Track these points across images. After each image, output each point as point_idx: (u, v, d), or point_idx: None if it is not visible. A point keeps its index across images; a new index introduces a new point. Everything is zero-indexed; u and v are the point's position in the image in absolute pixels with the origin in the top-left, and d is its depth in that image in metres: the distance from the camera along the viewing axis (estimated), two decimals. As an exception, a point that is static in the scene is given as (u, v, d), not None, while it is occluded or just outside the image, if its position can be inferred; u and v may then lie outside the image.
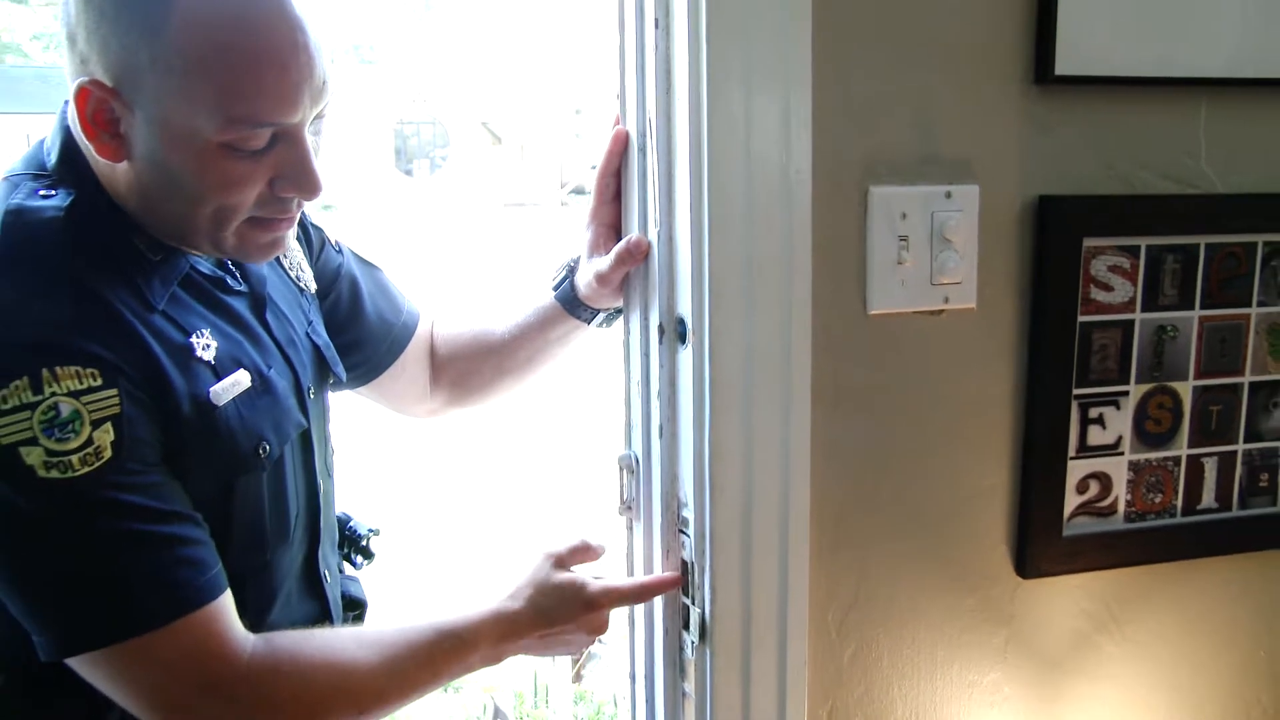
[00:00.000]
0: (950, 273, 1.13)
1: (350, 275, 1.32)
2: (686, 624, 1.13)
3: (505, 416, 6.71)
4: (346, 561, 1.30)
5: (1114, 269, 1.17)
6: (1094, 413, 1.20)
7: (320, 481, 1.17)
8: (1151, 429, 1.23)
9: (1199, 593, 1.29)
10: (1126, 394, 1.21)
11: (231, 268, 1.11)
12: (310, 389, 1.15)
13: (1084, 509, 1.22)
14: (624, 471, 1.19)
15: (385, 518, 1.39)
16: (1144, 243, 1.18)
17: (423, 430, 6.20)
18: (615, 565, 1.21)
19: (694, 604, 1.11)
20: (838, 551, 1.15)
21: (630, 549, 1.21)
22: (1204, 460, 1.26)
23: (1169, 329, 1.21)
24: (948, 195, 1.12)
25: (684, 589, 1.13)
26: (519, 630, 1.10)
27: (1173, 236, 1.18)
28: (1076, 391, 1.19)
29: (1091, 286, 1.17)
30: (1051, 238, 1.14)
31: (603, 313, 1.28)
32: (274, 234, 1.04)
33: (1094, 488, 1.22)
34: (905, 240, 1.11)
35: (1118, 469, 1.23)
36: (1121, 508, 1.23)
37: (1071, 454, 1.20)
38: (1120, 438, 1.22)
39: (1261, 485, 1.28)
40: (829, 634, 1.16)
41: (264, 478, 1.05)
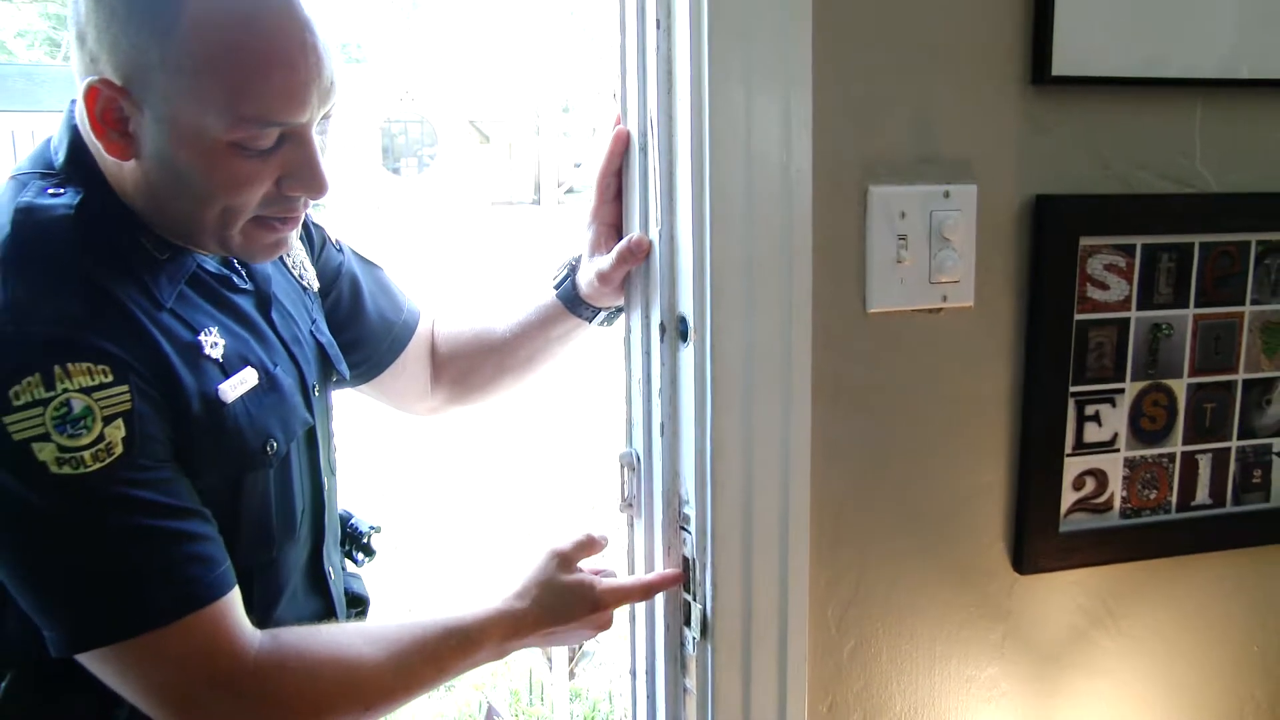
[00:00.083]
0: (949, 271, 1.14)
1: (351, 274, 1.33)
2: (688, 620, 1.14)
3: (505, 414, 6.71)
4: (348, 559, 1.30)
5: (1110, 268, 1.19)
6: (1090, 410, 1.21)
7: (324, 479, 1.17)
8: (1147, 426, 1.24)
9: (1193, 588, 1.31)
10: (1122, 391, 1.22)
11: (237, 266, 1.11)
12: (315, 386, 1.16)
13: (1080, 505, 1.23)
14: (625, 469, 1.19)
15: (386, 515, 1.39)
16: (1139, 242, 1.19)
17: (423, 428, 6.21)
18: (616, 561, 1.22)
19: (695, 600, 1.12)
20: (837, 548, 1.16)
21: (631, 546, 1.22)
22: (1198, 457, 1.27)
23: (1164, 327, 1.22)
24: (946, 195, 1.13)
25: (685, 585, 1.14)
26: (525, 629, 1.11)
27: (1168, 235, 1.20)
28: (1073, 389, 1.20)
29: (1088, 285, 1.18)
30: (1048, 237, 1.15)
31: (604, 311, 1.28)
32: (280, 234, 1.04)
33: (1090, 484, 1.23)
34: (904, 239, 1.12)
35: (1113, 466, 1.24)
36: (1117, 504, 1.25)
37: (1068, 451, 1.21)
38: (1116, 435, 1.23)
39: (1255, 481, 1.29)
40: (829, 629, 1.17)
41: (271, 474, 1.06)
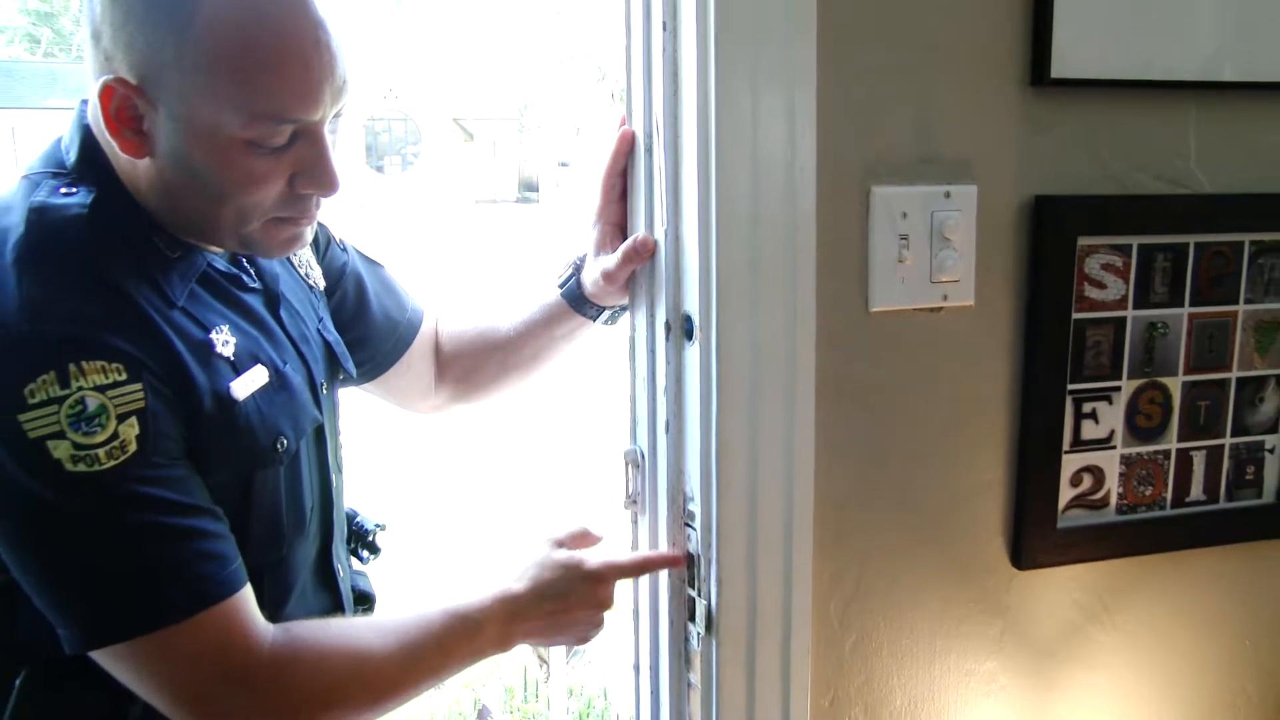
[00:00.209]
0: (949, 271, 1.15)
1: (356, 273, 1.34)
2: (692, 615, 1.15)
3: (509, 412, 6.73)
4: (353, 556, 1.31)
5: (1107, 267, 1.20)
6: (1087, 408, 1.23)
7: (332, 476, 1.18)
8: (1142, 424, 1.26)
9: (1187, 583, 1.32)
10: (1119, 389, 1.24)
11: (246, 265, 1.12)
12: (323, 385, 1.17)
13: (1077, 502, 1.25)
14: (629, 466, 1.21)
15: (390, 513, 1.40)
16: (1136, 242, 1.21)
17: (426, 426, 6.22)
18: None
19: (700, 596, 1.14)
20: (840, 543, 1.17)
21: (635, 542, 1.23)
22: (1193, 454, 1.29)
23: (1159, 326, 1.24)
24: (947, 195, 1.14)
25: (689, 581, 1.15)
26: (525, 610, 1.11)
27: (1163, 236, 1.21)
28: (1071, 387, 1.22)
29: (1085, 284, 1.20)
30: (1047, 237, 1.17)
31: (608, 310, 1.30)
32: (297, 229, 1.06)
33: (1087, 481, 1.25)
34: (906, 239, 1.14)
35: (1110, 463, 1.26)
36: (1113, 500, 1.26)
37: (1065, 448, 1.23)
38: (1113, 432, 1.25)
39: (1248, 478, 1.31)
40: (831, 624, 1.18)
41: (281, 472, 1.07)
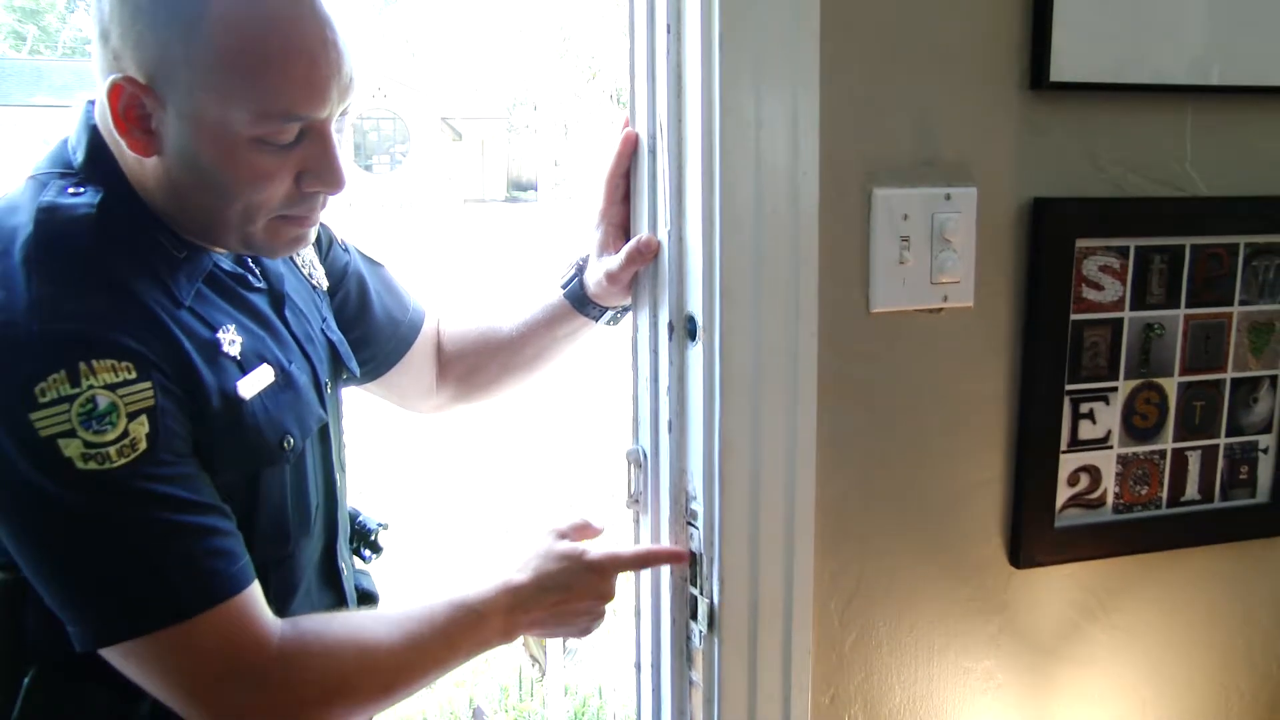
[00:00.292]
0: (949, 272, 1.16)
1: (358, 273, 1.34)
2: (694, 614, 1.16)
3: (510, 412, 6.73)
4: (356, 556, 1.32)
5: (1104, 269, 1.22)
6: (1085, 408, 1.25)
7: (336, 475, 1.19)
8: (1139, 423, 1.27)
9: (1182, 582, 1.34)
10: (1115, 390, 1.25)
11: (251, 265, 1.13)
12: (327, 384, 1.17)
13: (1074, 501, 1.26)
14: (631, 466, 1.21)
15: (392, 513, 1.40)
16: (1133, 244, 1.22)
17: (428, 425, 6.22)
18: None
19: (702, 594, 1.14)
20: (841, 542, 1.18)
21: (637, 541, 1.23)
22: (1188, 454, 1.30)
23: (1156, 327, 1.25)
24: (947, 197, 1.15)
25: (691, 580, 1.16)
26: (528, 601, 1.12)
27: (1160, 238, 1.23)
28: (1068, 387, 1.23)
29: (1083, 286, 1.21)
30: (1046, 239, 1.18)
31: (610, 311, 1.31)
32: (302, 228, 1.06)
33: (1084, 480, 1.26)
34: (906, 240, 1.15)
35: (1107, 462, 1.27)
36: (1110, 500, 1.28)
37: (1063, 448, 1.24)
38: (1109, 432, 1.26)
39: (1242, 478, 1.33)
40: (832, 622, 1.19)
41: (287, 470, 1.07)
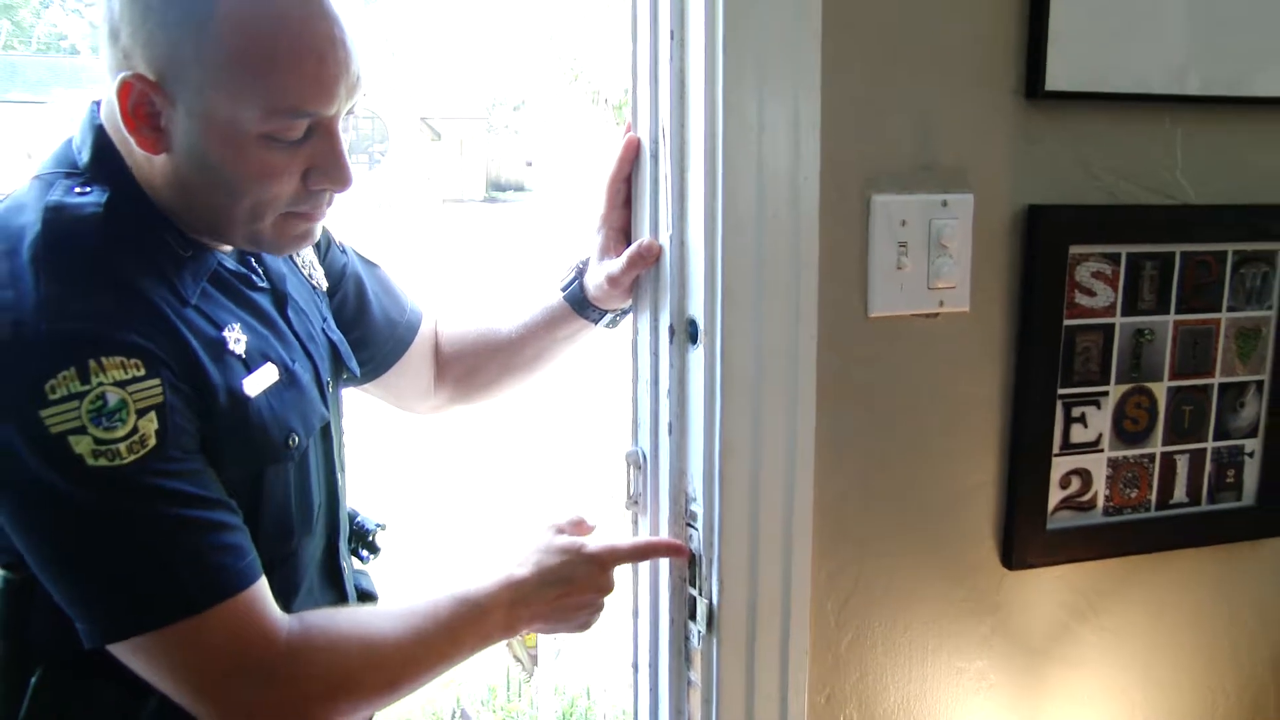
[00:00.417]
0: (945, 277, 1.18)
1: (356, 274, 1.35)
2: (693, 614, 1.17)
3: (508, 413, 6.72)
4: (354, 556, 1.32)
5: (1097, 275, 1.24)
6: (1077, 412, 1.26)
7: (337, 474, 1.19)
8: (1129, 427, 1.29)
9: (1170, 584, 1.36)
10: (1107, 394, 1.27)
11: (255, 265, 1.13)
12: (329, 383, 1.18)
13: (1066, 504, 1.28)
14: (631, 467, 1.22)
15: (390, 514, 1.41)
16: (1125, 250, 1.24)
17: (428, 426, 6.21)
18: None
19: (701, 595, 1.16)
20: (838, 543, 1.19)
21: (636, 542, 1.24)
22: (1176, 457, 1.32)
23: (1146, 332, 1.27)
24: (944, 204, 1.17)
25: (690, 580, 1.17)
26: (529, 595, 1.13)
27: (1151, 245, 1.25)
28: (1061, 391, 1.25)
29: (1076, 292, 1.23)
30: (1040, 245, 1.20)
31: (610, 313, 1.32)
32: (309, 224, 1.08)
33: (1075, 483, 1.28)
34: (904, 246, 1.16)
35: (1098, 465, 1.29)
36: (1100, 502, 1.30)
37: (1055, 451, 1.26)
38: (1101, 435, 1.28)
39: (1228, 481, 1.35)
40: (828, 622, 1.21)
41: (291, 469, 1.08)
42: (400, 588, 1.21)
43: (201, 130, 0.98)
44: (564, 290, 1.33)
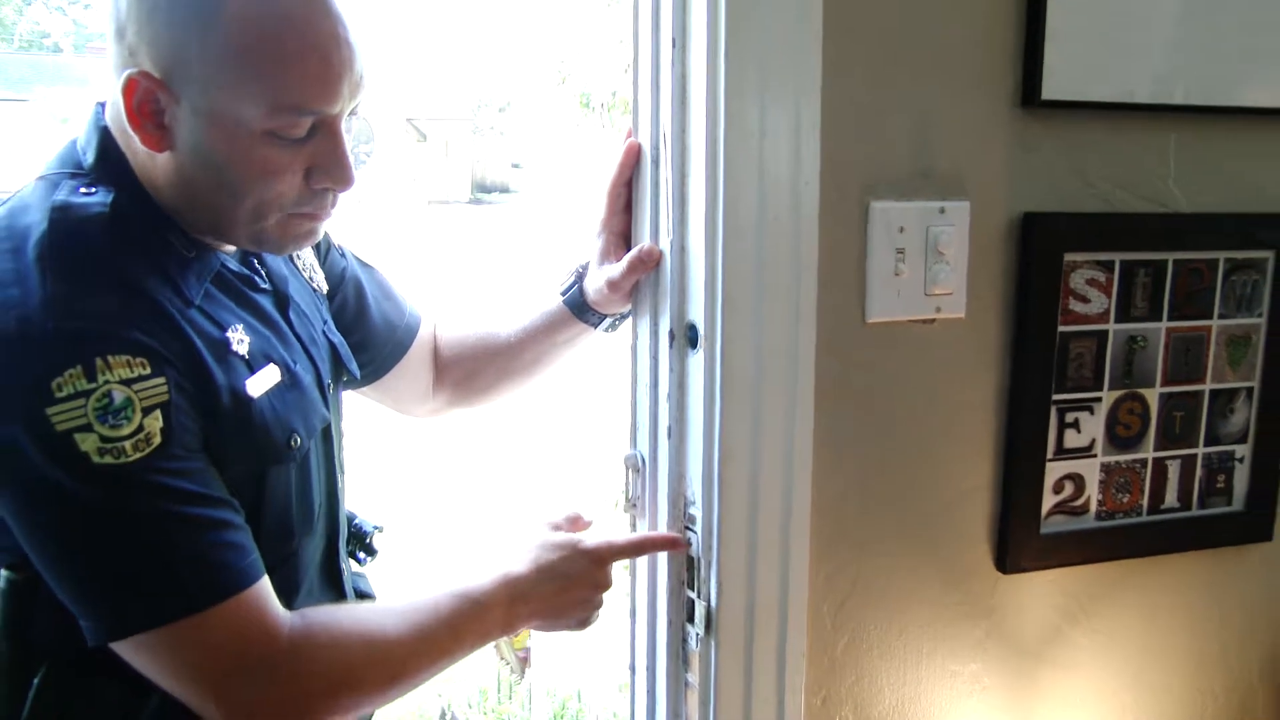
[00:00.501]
0: (942, 284, 1.19)
1: (355, 278, 1.35)
2: (691, 617, 1.18)
3: (507, 416, 6.72)
4: (351, 558, 1.32)
5: (1091, 282, 1.25)
6: (1070, 417, 1.28)
7: (337, 476, 1.20)
8: (1122, 433, 1.31)
9: (1161, 588, 1.37)
10: (1100, 400, 1.28)
11: (257, 267, 1.14)
12: (329, 385, 1.19)
13: (1059, 508, 1.29)
14: (630, 471, 1.23)
15: (388, 516, 1.41)
16: (1118, 258, 1.25)
17: (426, 429, 6.21)
18: (619, 561, 1.25)
19: (699, 597, 1.16)
20: (835, 547, 1.20)
21: (634, 545, 1.25)
22: (1168, 463, 1.34)
23: (1139, 339, 1.29)
24: (941, 211, 1.18)
25: (689, 583, 1.18)
26: (528, 592, 1.13)
27: (1144, 252, 1.26)
28: (1055, 397, 1.26)
29: (1070, 298, 1.24)
30: (1035, 252, 1.21)
31: (610, 318, 1.33)
32: (314, 223, 1.08)
33: (1069, 488, 1.30)
34: (902, 253, 1.17)
35: (1090, 470, 1.30)
36: (1093, 507, 1.31)
37: (1049, 456, 1.27)
38: (1094, 441, 1.29)
39: (1219, 486, 1.37)
40: (825, 625, 1.22)
41: (293, 469, 1.09)
42: (398, 591, 1.21)
43: (205, 127, 0.98)
44: (563, 294, 1.34)
